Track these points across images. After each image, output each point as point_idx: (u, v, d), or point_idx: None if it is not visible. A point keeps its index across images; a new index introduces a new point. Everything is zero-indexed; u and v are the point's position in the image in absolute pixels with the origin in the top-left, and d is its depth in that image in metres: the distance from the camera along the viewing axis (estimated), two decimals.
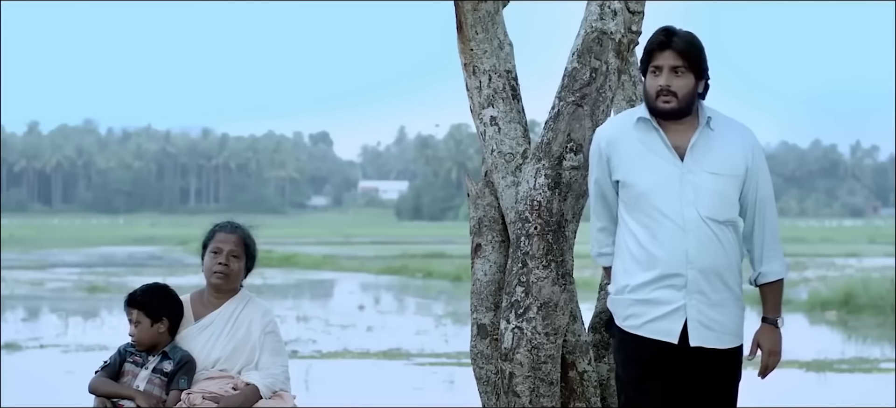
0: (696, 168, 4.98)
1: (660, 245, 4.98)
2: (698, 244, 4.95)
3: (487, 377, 5.85)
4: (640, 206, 5.03)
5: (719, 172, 4.99)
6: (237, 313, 5.96)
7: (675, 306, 4.99)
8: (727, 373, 5.11)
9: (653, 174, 5.00)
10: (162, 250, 58.41)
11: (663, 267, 4.98)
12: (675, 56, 4.97)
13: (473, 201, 5.91)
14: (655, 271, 4.99)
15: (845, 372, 17.27)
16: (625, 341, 5.10)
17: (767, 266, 5.14)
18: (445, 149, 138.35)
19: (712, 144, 5.00)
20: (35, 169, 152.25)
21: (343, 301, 30.82)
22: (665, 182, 4.98)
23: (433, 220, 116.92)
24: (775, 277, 5.14)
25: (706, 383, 5.07)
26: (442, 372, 16.78)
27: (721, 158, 5.00)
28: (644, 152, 5.03)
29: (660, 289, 5.00)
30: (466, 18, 5.85)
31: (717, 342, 5.03)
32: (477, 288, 5.86)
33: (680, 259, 4.96)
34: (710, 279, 4.99)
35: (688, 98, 4.98)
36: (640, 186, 5.01)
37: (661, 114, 4.99)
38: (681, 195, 4.97)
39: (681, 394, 5.05)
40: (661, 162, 5.00)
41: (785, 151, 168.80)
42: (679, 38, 4.98)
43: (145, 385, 5.83)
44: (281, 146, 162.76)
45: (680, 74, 4.97)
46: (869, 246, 59.78)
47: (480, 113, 5.87)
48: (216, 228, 6.04)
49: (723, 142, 5.02)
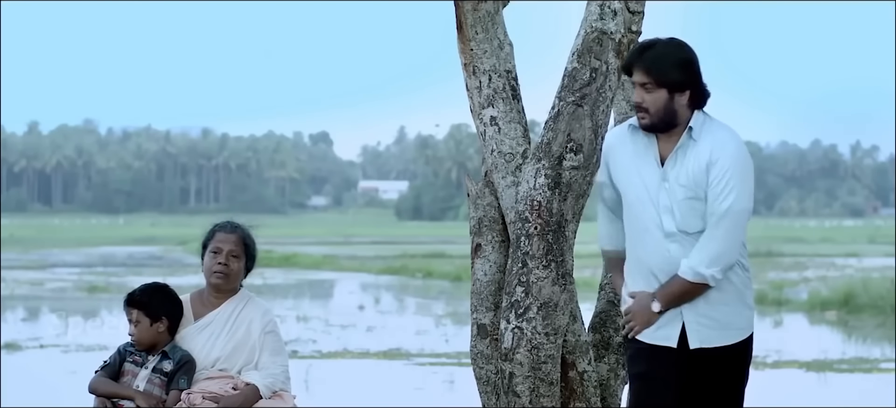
0: (671, 179, 4.98)
1: (647, 253, 5.00)
2: (682, 251, 4.95)
3: (487, 377, 5.85)
4: (632, 212, 5.06)
5: (687, 184, 4.95)
6: (237, 313, 5.95)
7: (671, 313, 5.00)
8: (735, 370, 5.09)
9: (638, 182, 5.02)
10: (162, 250, 58.40)
11: (652, 275, 5.00)
12: (642, 73, 4.96)
13: (473, 201, 5.91)
14: (646, 278, 5.02)
15: (845, 372, 17.27)
16: (629, 344, 5.12)
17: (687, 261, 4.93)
18: (445, 149, 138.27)
19: (688, 155, 4.97)
20: (35, 169, 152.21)
21: (343, 301, 30.82)
22: (647, 190, 4.99)
23: (433, 220, 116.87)
24: (682, 274, 4.93)
25: (714, 382, 5.05)
26: (442, 372, 16.79)
27: (692, 170, 4.95)
28: (634, 160, 5.05)
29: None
30: (466, 18, 5.84)
31: (719, 340, 5.02)
32: (477, 288, 5.86)
33: (665, 267, 4.97)
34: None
35: (660, 113, 4.95)
36: (628, 194, 5.05)
37: (642, 128, 5.00)
38: (658, 204, 4.98)
39: (689, 394, 5.03)
40: (647, 170, 5.01)
41: (785, 151, 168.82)
42: (645, 56, 4.95)
43: (145, 385, 5.83)
44: (281, 146, 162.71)
45: (649, 90, 4.96)
46: (869, 246, 59.77)
47: (480, 113, 5.87)
48: (216, 228, 6.04)
49: (696, 153, 4.97)
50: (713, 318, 5.00)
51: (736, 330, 5.05)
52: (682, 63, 4.97)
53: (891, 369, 17.37)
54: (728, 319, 5.03)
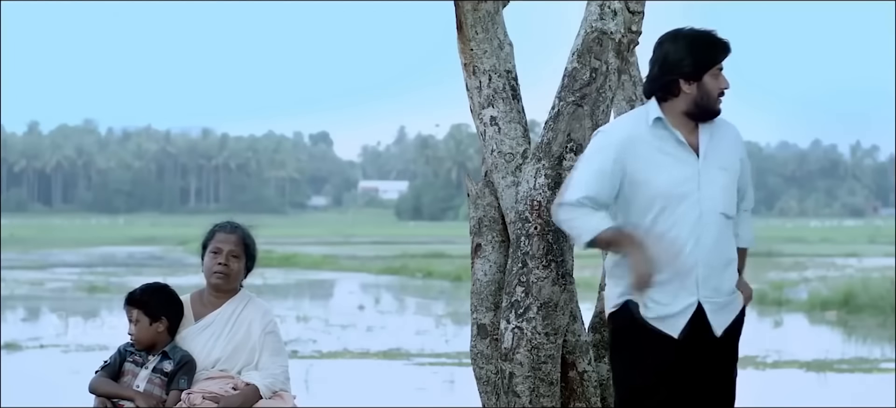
0: (710, 165, 5.06)
1: (689, 242, 5.00)
2: (713, 239, 5.02)
3: (487, 377, 5.84)
4: (655, 204, 5.00)
5: (726, 167, 5.10)
6: (237, 313, 5.95)
7: (687, 303, 5.00)
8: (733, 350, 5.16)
9: (668, 173, 5.01)
10: (162, 250, 58.41)
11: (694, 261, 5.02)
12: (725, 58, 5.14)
13: (473, 201, 5.91)
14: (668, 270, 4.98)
15: (845, 372, 17.26)
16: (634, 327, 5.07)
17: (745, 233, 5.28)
18: (445, 149, 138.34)
19: (717, 141, 5.10)
20: (35, 169, 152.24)
21: (343, 301, 30.82)
22: (682, 180, 5.01)
23: (433, 220, 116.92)
24: (747, 244, 5.31)
25: (715, 367, 5.10)
26: (442, 372, 16.78)
27: (725, 153, 5.11)
28: (659, 155, 5.04)
29: (667, 285, 4.98)
30: (466, 18, 5.84)
31: (733, 312, 5.10)
32: (477, 288, 5.86)
33: (693, 256, 4.99)
34: (722, 272, 5.06)
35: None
36: (657, 185, 5.00)
37: (715, 114, 5.09)
38: (699, 191, 5.02)
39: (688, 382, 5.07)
40: (675, 161, 5.02)
41: (785, 151, 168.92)
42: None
43: (145, 385, 5.83)
44: (281, 146, 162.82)
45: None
46: (869, 246, 59.77)
47: (480, 113, 5.87)
48: (216, 228, 6.04)
49: (721, 137, 5.12)
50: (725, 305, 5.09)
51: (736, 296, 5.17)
52: None
53: (891, 369, 17.36)
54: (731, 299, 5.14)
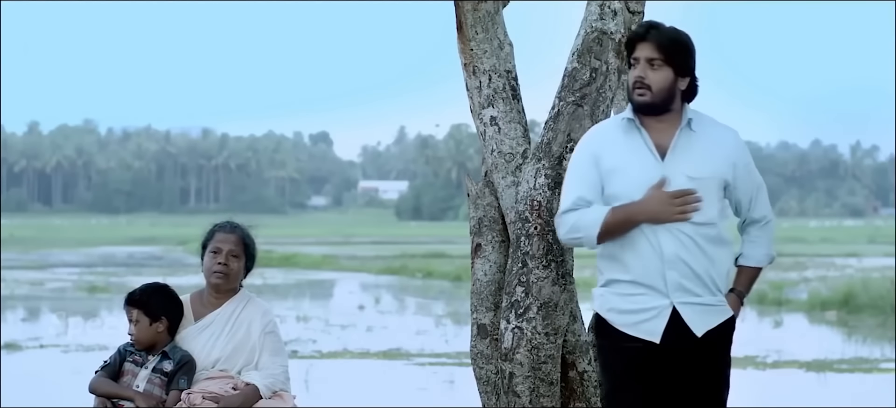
0: (675, 170, 4.88)
1: (634, 252, 4.88)
2: (679, 245, 4.85)
3: (487, 377, 5.84)
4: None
5: (696, 175, 4.88)
6: (237, 313, 5.96)
7: (658, 308, 4.89)
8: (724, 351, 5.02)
9: (632, 175, 4.90)
10: (162, 250, 58.41)
11: (637, 273, 4.89)
12: (653, 48, 4.88)
13: (473, 201, 5.90)
14: (630, 276, 4.91)
15: (845, 372, 17.26)
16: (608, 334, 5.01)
17: (752, 251, 5.09)
18: (445, 149, 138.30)
19: (692, 146, 4.91)
20: (35, 169, 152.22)
21: (343, 301, 30.82)
22: (644, 184, 4.87)
23: (433, 220, 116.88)
24: (755, 263, 5.11)
25: (700, 372, 4.97)
26: (442, 372, 16.79)
27: (700, 160, 4.91)
28: (626, 154, 4.93)
29: (638, 294, 4.91)
30: (466, 18, 5.84)
31: (718, 316, 4.92)
32: (477, 288, 5.86)
33: (655, 264, 4.86)
34: (695, 280, 4.88)
35: (663, 93, 4.89)
36: (618, 187, 4.90)
37: (637, 107, 4.91)
38: None
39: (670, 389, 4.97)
40: (641, 163, 4.90)
41: (785, 151, 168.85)
42: (658, 32, 4.90)
43: (145, 385, 5.83)
44: (281, 146, 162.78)
45: (656, 67, 4.88)
46: (869, 246, 59.77)
47: (480, 113, 5.87)
48: (215, 228, 6.04)
49: (703, 144, 4.93)
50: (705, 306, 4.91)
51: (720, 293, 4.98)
52: (690, 49, 4.96)
53: (891, 369, 17.37)
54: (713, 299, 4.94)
